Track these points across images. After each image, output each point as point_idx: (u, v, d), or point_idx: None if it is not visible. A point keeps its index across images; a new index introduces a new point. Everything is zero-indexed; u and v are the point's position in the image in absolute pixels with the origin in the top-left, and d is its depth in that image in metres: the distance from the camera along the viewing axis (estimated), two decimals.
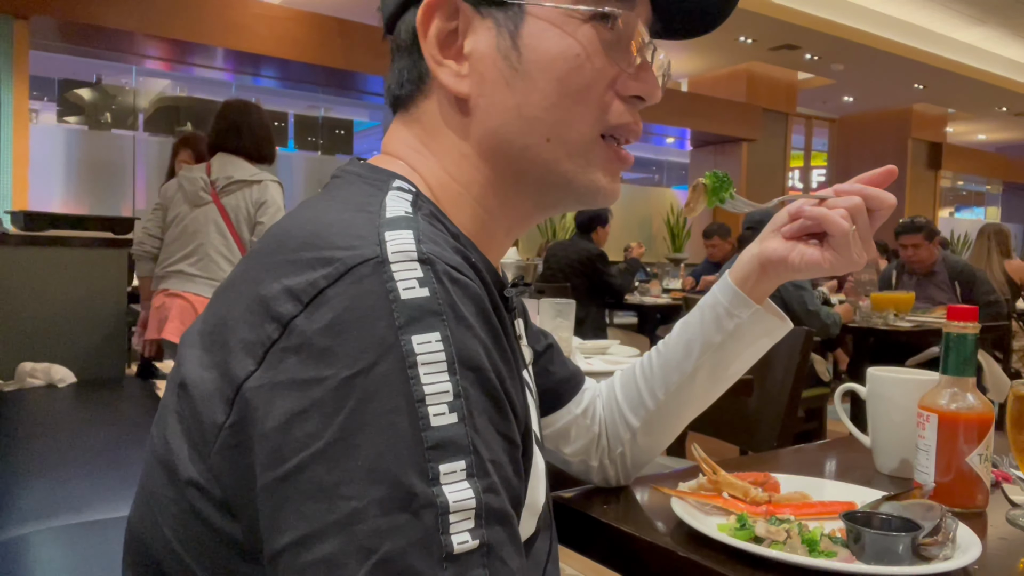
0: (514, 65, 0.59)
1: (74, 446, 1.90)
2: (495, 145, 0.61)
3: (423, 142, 0.63)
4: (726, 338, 0.82)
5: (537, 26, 0.59)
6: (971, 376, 0.84)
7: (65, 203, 7.04)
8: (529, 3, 0.59)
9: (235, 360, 0.48)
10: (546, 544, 0.66)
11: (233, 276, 0.56)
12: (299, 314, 0.46)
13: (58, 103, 9.25)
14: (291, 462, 0.44)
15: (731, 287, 0.82)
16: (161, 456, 0.53)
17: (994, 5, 8.38)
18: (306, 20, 7.34)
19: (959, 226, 13.63)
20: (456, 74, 0.60)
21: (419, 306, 0.46)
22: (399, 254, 0.48)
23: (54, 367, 2.63)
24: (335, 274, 0.47)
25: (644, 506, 0.87)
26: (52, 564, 1.34)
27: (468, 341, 0.47)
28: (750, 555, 0.68)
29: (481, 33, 0.60)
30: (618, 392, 0.90)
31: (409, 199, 0.56)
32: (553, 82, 0.60)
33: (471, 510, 0.43)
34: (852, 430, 1.06)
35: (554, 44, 0.59)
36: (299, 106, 10.61)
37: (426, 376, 0.45)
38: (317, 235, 0.50)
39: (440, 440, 0.44)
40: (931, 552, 0.67)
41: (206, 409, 0.50)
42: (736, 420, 2.12)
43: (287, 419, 0.45)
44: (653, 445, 0.89)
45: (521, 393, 0.55)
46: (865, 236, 0.75)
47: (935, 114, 12.19)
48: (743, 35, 8.62)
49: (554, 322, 1.57)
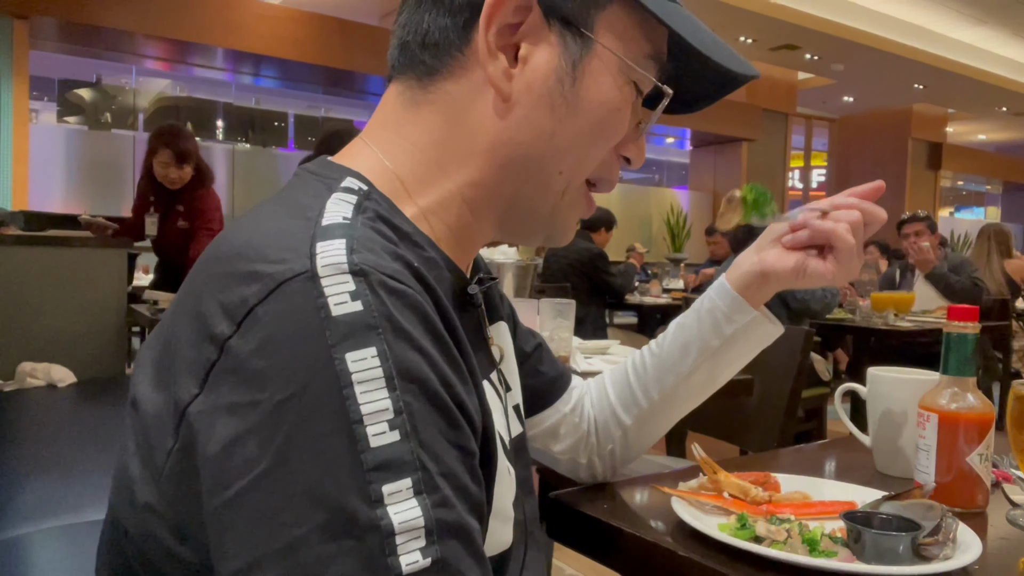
0: (565, 92, 0.59)
1: (74, 446, 1.90)
2: (512, 157, 0.60)
3: (425, 126, 0.60)
4: (724, 343, 0.84)
5: (598, 66, 0.59)
6: (971, 376, 0.84)
7: (65, 203, 7.04)
8: (597, 40, 0.59)
9: (180, 383, 0.47)
10: (520, 551, 0.65)
11: (182, 287, 0.54)
12: (233, 334, 0.45)
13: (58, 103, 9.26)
14: (233, 488, 0.43)
15: (731, 293, 0.83)
16: (123, 479, 0.53)
17: (994, 5, 8.38)
18: (306, 20, 7.34)
19: (959, 226, 13.63)
20: (505, 72, 0.58)
21: (352, 321, 0.44)
22: (329, 267, 0.46)
23: (54, 367, 2.62)
24: (264, 291, 0.45)
25: (644, 506, 0.87)
26: (52, 564, 1.34)
27: (407, 353, 0.45)
28: (750, 555, 0.68)
29: (543, 45, 0.58)
30: (610, 391, 0.90)
31: (353, 201, 0.53)
32: (591, 123, 0.60)
33: (419, 528, 0.43)
34: (852, 430, 1.06)
35: (606, 90, 0.60)
36: (299, 106, 10.61)
37: (363, 395, 0.43)
38: (250, 246, 0.49)
39: (382, 460, 0.43)
40: (931, 552, 0.67)
41: (156, 433, 0.49)
42: (736, 420, 2.12)
43: (227, 444, 0.44)
44: (642, 442, 0.90)
45: (478, 398, 0.54)
46: (859, 248, 0.77)
47: (935, 114, 12.18)
48: (743, 35, 8.61)
49: (554, 322, 1.57)
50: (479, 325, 0.66)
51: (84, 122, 9.19)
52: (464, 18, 0.58)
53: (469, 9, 0.57)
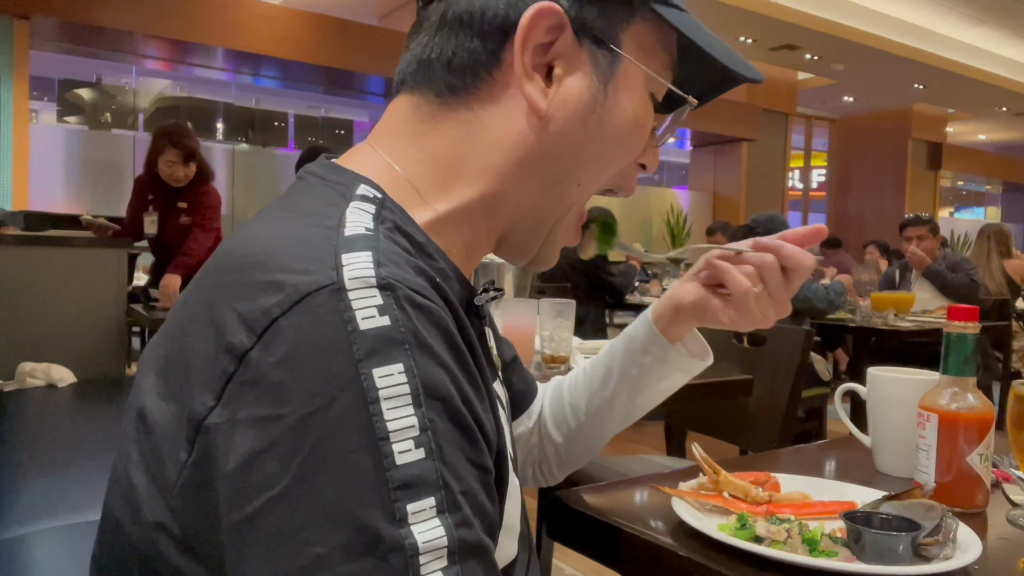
0: (597, 109, 0.60)
1: (74, 446, 1.90)
2: (542, 170, 0.60)
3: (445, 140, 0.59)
4: (642, 371, 0.84)
5: (625, 83, 0.61)
6: (971, 376, 0.84)
7: (65, 203, 7.04)
8: (623, 55, 0.60)
9: (194, 394, 0.46)
10: (525, 559, 0.66)
11: (189, 291, 0.53)
12: (254, 346, 0.44)
13: (58, 103, 9.27)
14: (253, 504, 0.42)
15: (649, 323, 0.83)
16: (124, 490, 0.51)
17: (994, 5, 8.38)
18: (306, 20, 7.34)
19: (959, 226, 13.63)
20: (542, 91, 0.58)
21: (380, 336, 0.43)
22: (357, 280, 0.45)
23: (54, 367, 2.62)
24: (288, 302, 0.44)
25: (644, 506, 0.87)
26: (52, 564, 1.34)
27: (433, 370, 0.45)
28: (750, 555, 0.68)
29: (575, 63, 0.59)
30: (546, 407, 0.90)
31: (372, 211, 0.52)
32: (617, 138, 0.61)
33: (442, 548, 0.42)
34: (852, 430, 1.06)
35: (632, 106, 0.61)
36: (299, 106, 10.61)
37: (389, 411, 0.43)
38: (269, 254, 0.47)
39: (407, 479, 0.42)
40: (931, 552, 0.67)
41: (167, 445, 0.47)
42: (736, 420, 2.12)
43: (247, 459, 0.43)
44: (575, 459, 0.90)
45: (492, 413, 0.54)
46: (778, 295, 0.74)
47: (935, 114, 12.18)
48: (743, 35, 8.61)
49: (554, 322, 1.57)
50: (483, 335, 0.65)
51: (84, 122, 9.19)
52: (495, 42, 0.58)
53: (501, 33, 0.58)
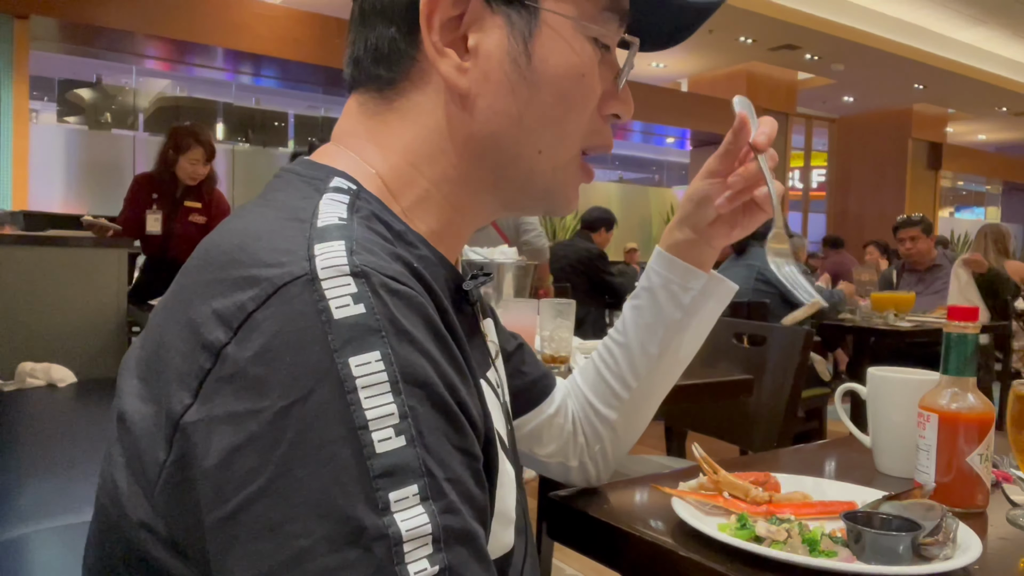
0: (522, 72, 0.57)
1: (74, 446, 1.90)
2: (486, 148, 0.59)
3: (394, 133, 0.59)
4: (686, 313, 0.84)
5: (550, 36, 0.57)
6: (971, 376, 0.84)
7: (65, 203, 7.04)
8: (542, 8, 0.57)
9: (171, 393, 0.46)
10: (522, 549, 0.65)
11: (168, 294, 0.53)
12: (230, 341, 0.44)
13: (58, 103, 9.26)
14: (234, 501, 0.42)
15: (678, 262, 0.84)
16: (110, 493, 0.51)
17: (994, 5, 8.38)
18: (306, 20, 7.34)
19: (959, 226, 13.63)
20: (458, 68, 0.56)
21: (355, 324, 0.43)
22: (330, 269, 0.44)
23: (54, 367, 2.62)
24: (263, 295, 0.44)
25: (644, 506, 0.87)
26: (52, 564, 1.34)
27: (412, 356, 0.44)
28: (751, 555, 0.68)
29: (490, 29, 0.56)
30: (586, 390, 0.89)
31: (346, 201, 0.52)
32: (557, 96, 0.58)
33: (427, 536, 0.42)
34: (852, 430, 1.06)
35: (564, 58, 0.58)
36: (299, 106, 10.61)
37: (367, 400, 0.42)
38: (243, 250, 0.47)
39: (388, 467, 0.42)
40: (931, 552, 0.67)
41: (146, 446, 0.47)
42: (736, 420, 2.12)
43: (226, 455, 0.42)
44: (630, 435, 0.89)
45: (480, 400, 0.53)
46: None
47: (935, 114, 12.18)
48: (743, 35, 8.61)
49: (554, 322, 1.57)
50: (475, 322, 0.65)
51: (84, 122, 9.19)
52: (408, 24, 0.57)
53: (411, 14, 0.56)
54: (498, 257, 1.92)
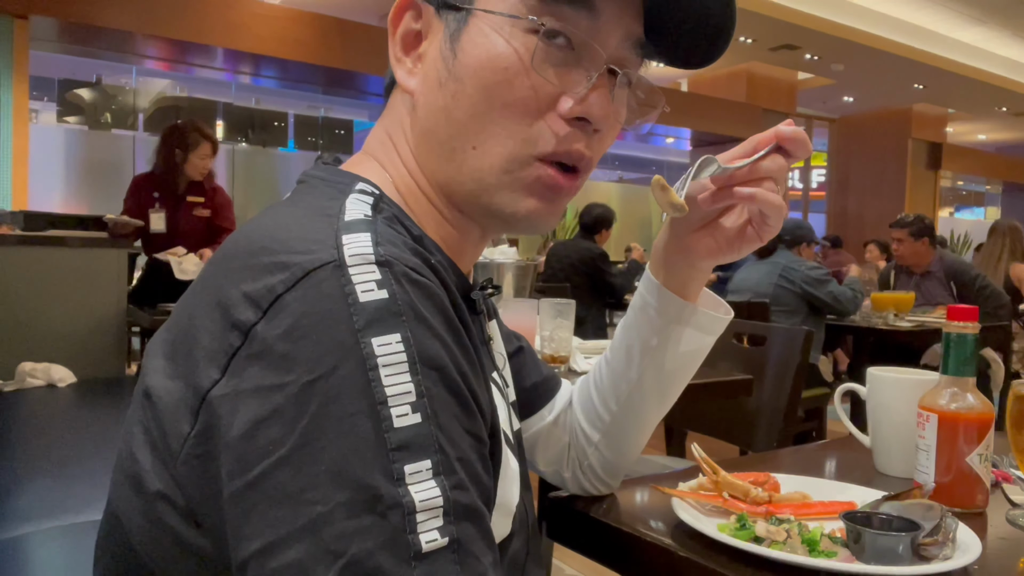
0: (449, 67, 0.59)
1: (74, 446, 1.90)
2: (430, 145, 0.61)
3: (392, 138, 0.64)
4: (661, 339, 0.77)
5: (478, 31, 0.58)
6: (971, 376, 0.84)
7: (65, 203, 7.04)
8: (475, 8, 0.58)
9: (199, 370, 0.48)
10: (523, 544, 0.66)
11: (196, 283, 0.56)
12: (259, 321, 0.46)
13: (58, 103, 9.26)
14: (256, 469, 0.44)
15: (653, 282, 0.76)
16: (128, 469, 0.53)
17: (994, 5, 8.38)
18: (306, 20, 7.34)
19: (959, 226, 13.62)
20: (408, 71, 0.62)
21: (378, 308, 0.46)
22: (356, 257, 0.48)
23: (54, 367, 2.62)
24: (292, 279, 0.47)
25: (644, 506, 0.87)
26: (52, 564, 1.34)
27: (429, 341, 0.47)
28: (750, 555, 0.68)
29: (434, 35, 0.61)
30: (576, 405, 0.86)
31: (370, 202, 0.55)
32: (480, 90, 0.57)
33: (439, 508, 0.44)
34: (852, 430, 1.06)
35: (485, 51, 0.57)
36: (299, 106, 10.61)
37: (387, 378, 0.45)
38: (275, 240, 0.50)
39: (404, 440, 0.44)
40: (931, 552, 0.67)
41: (171, 419, 0.50)
42: (736, 420, 2.12)
43: (251, 426, 0.45)
44: (620, 457, 0.84)
45: (487, 392, 0.55)
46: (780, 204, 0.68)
47: (935, 114, 12.18)
48: (743, 35, 8.61)
49: (554, 322, 1.57)
50: (482, 329, 0.67)
51: (84, 122, 9.17)
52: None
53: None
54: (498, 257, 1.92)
